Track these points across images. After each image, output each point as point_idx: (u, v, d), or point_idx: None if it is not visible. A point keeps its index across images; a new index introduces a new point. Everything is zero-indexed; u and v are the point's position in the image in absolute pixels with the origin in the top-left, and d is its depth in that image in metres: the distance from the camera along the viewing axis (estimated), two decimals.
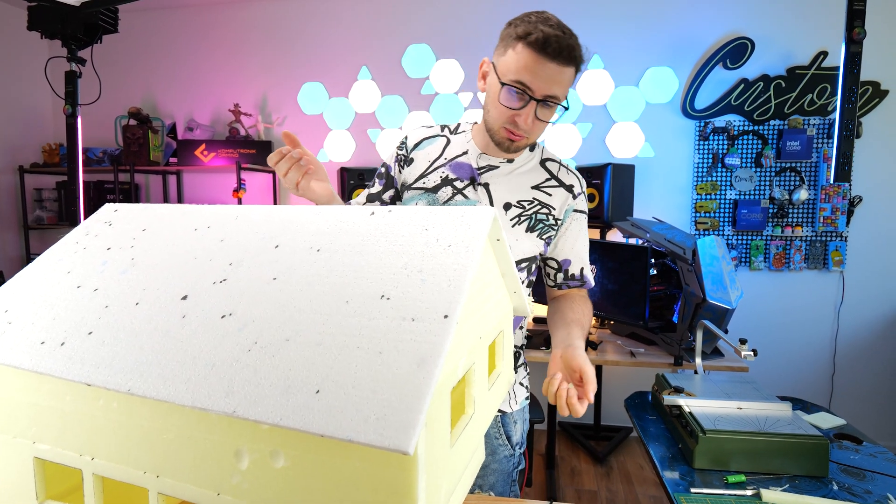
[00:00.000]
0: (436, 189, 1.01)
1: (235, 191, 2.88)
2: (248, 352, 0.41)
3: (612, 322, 2.42)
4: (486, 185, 0.99)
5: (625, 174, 2.55)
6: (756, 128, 2.64)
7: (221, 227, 0.57)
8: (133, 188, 3.06)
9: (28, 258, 3.25)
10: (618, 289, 2.24)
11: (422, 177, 1.03)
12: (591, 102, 2.79)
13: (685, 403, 1.30)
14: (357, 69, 3.02)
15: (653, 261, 2.16)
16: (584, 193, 1.05)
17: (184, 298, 0.48)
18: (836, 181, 2.46)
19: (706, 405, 1.29)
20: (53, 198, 3.25)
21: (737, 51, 2.59)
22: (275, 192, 3.16)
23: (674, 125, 2.73)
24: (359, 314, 0.42)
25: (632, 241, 2.36)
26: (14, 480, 0.49)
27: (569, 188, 1.02)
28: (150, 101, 3.30)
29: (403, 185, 1.06)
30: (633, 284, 2.15)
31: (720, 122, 2.66)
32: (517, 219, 0.99)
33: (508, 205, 0.99)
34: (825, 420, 1.44)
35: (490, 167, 1.01)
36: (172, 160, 3.15)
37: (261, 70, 3.15)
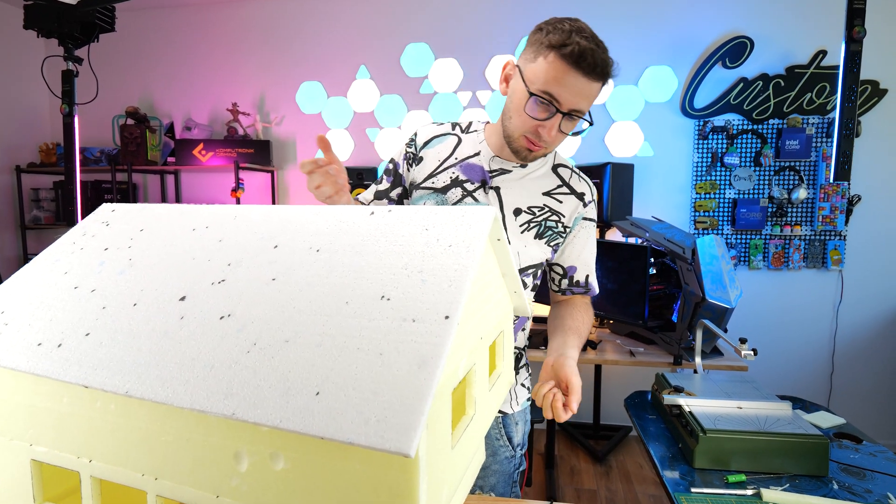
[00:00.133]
0: (445, 190, 0.99)
1: (234, 190, 2.87)
2: (248, 353, 0.40)
3: (612, 321, 2.42)
4: (497, 189, 0.97)
5: (624, 173, 2.55)
6: (755, 127, 2.64)
7: (220, 228, 0.56)
8: (131, 188, 3.06)
9: (25, 258, 3.24)
10: (617, 288, 2.24)
11: (431, 176, 1.01)
12: None
13: (685, 403, 1.30)
14: (355, 68, 3.01)
15: (652, 260, 2.16)
16: (595, 201, 1.03)
17: (182, 299, 0.47)
18: (836, 180, 2.46)
19: (706, 405, 1.29)
20: (51, 198, 3.24)
21: (736, 50, 2.59)
22: (273, 192, 3.16)
23: (673, 124, 2.73)
24: (359, 315, 0.41)
25: (631, 241, 2.36)
26: (11, 483, 0.49)
27: (580, 196, 1.00)
28: (148, 101, 3.29)
29: (412, 184, 1.04)
30: (633, 284, 2.15)
31: (719, 122, 2.66)
32: (526, 225, 0.97)
33: (518, 210, 0.97)
34: (825, 419, 1.44)
35: (502, 171, 0.98)
36: (170, 160, 3.14)
37: (259, 69, 3.14)
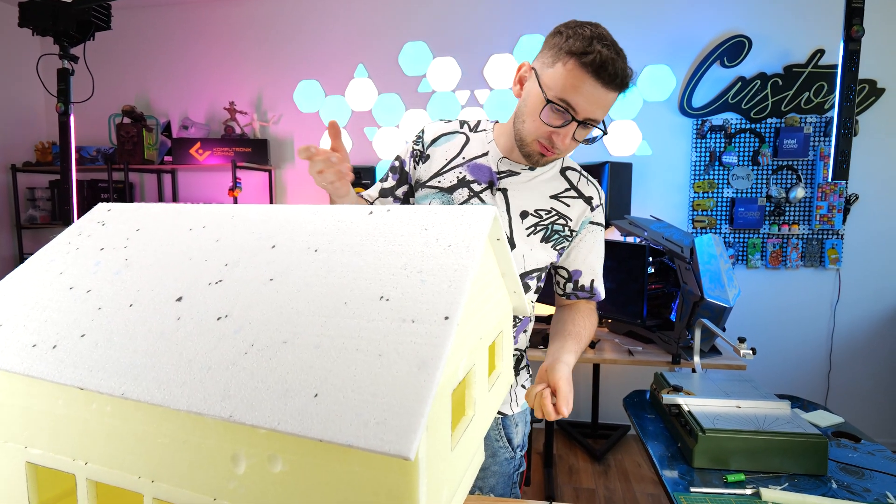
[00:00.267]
0: (451, 189, 0.97)
1: (231, 190, 2.86)
2: (245, 354, 0.40)
3: (610, 320, 2.42)
4: (505, 191, 0.96)
5: (622, 172, 2.55)
6: (753, 126, 2.65)
7: (217, 227, 0.56)
8: (127, 187, 3.04)
9: (21, 258, 3.23)
10: (616, 287, 2.24)
11: (437, 175, 0.99)
12: None
13: (684, 402, 1.29)
14: (353, 67, 3.00)
15: (651, 259, 2.16)
16: (602, 206, 1.01)
17: (179, 300, 0.47)
18: (835, 179, 2.47)
19: (705, 404, 1.29)
20: (46, 197, 3.22)
21: (734, 49, 2.59)
22: (271, 191, 3.15)
23: (671, 123, 2.73)
24: (358, 316, 0.41)
25: (629, 240, 2.36)
26: (6, 486, 0.48)
27: (587, 200, 0.99)
28: (145, 99, 3.27)
29: (417, 182, 1.02)
30: (631, 283, 2.15)
31: (717, 121, 2.67)
32: (533, 228, 0.96)
33: (525, 213, 0.96)
34: (823, 418, 1.44)
35: (511, 172, 0.97)
36: (167, 159, 3.12)
37: (256, 68, 3.13)
